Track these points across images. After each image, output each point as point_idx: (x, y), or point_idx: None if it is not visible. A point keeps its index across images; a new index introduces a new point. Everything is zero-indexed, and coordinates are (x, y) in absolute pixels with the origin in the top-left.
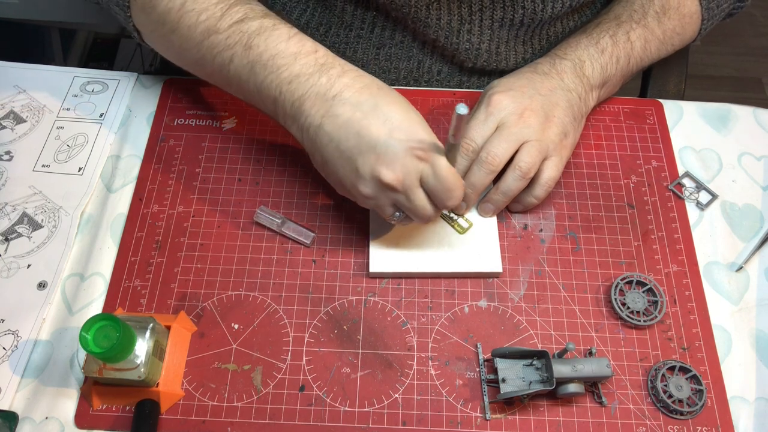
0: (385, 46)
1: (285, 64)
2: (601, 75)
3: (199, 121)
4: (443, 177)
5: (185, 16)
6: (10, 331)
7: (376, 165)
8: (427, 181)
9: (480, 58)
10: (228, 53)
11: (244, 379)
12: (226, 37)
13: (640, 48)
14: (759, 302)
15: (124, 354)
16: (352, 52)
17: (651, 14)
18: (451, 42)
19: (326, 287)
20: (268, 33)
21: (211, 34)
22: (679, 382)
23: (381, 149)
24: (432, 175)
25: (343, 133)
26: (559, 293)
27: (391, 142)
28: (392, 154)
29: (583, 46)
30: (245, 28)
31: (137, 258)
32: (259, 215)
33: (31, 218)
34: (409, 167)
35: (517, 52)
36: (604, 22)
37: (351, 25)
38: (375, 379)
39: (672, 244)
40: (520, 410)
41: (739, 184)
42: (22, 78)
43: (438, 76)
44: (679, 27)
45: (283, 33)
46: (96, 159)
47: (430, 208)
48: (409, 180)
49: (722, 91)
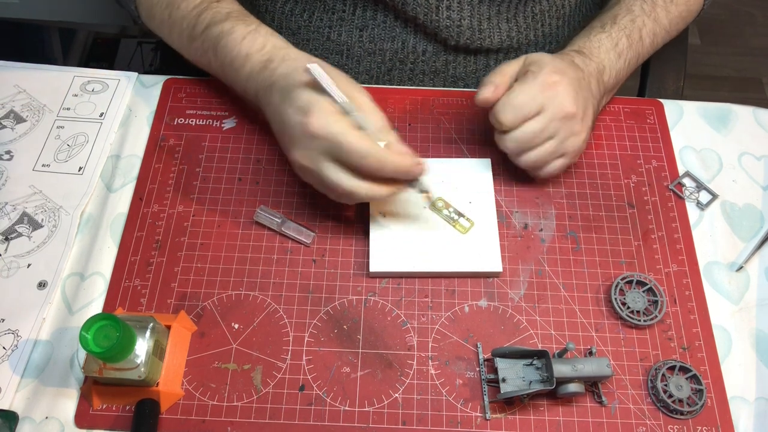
0: (368, 27)
1: (241, 66)
2: (615, 81)
3: (199, 121)
4: (341, 143)
5: (174, 25)
6: (10, 330)
7: (289, 146)
8: (331, 153)
9: (462, 35)
10: (206, 57)
11: (244, 378)
12: (202, 42)
13: (649, 44)
14: (759, 302)
15: (124, 354)
16: (336, 35)
17: (659, 3)
18: (431, 19)
19: (326, 287)
20: (226, 38)
21: (193, 41)
22: (679, 382)
23: (288, 131)
24: (332, 146)
25: (276, 118)
26: (559, 293)
27: (292, 124)
28: (294, 136)
29: (605, 49)
30: (211, 35)
31: (137, 258)
32: (259, 215)
33: (31, 218)
34: (309, 146)
35: (501, 30)
36: (620, 16)
37: (333, 8)
38: (375, 378)
39: (672, 243)
40: (520, 410)
41: (739, 184)
42: (22, 78)
43: (423, 56)
44: (685, 11)
45: (237, 36)
46: (96, 159)
47: (347, 181)
48: (312, 157)
49: (722, 91)
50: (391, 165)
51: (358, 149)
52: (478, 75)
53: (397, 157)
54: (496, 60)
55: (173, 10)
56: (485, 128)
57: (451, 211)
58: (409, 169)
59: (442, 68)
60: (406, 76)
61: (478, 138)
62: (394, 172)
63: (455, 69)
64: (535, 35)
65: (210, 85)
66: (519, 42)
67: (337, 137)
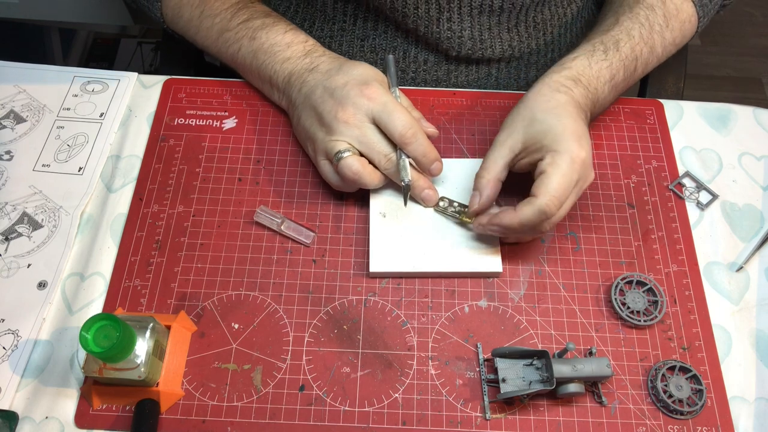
0: (369, 38)
1: (280, 50)
2: (600, 109)
3: (199, 121)
4: (390, 111)
5: (204, 21)
6: (10, 330)
7: (334, 107)
8: (379, 118)
9: (464, 46)
10: (237, 45)
11: (244, 378)
12: (236, 33)
13: (640, 74)
14: (759, 302)
15: (124, 354)
16: (338, 45)
17: (656, 29)
18: (432, 31)
19: (326, 287)
20: (269, 28)
21: (224, 32)
22: (679, 382)
23: (337, 94)
24: (382, 111)
25: (315, 90)
26: (559, 293)
27: (345, 88)
28: (345, 96)
29: (603, 82)
30: (251, 25)
31: (137, 258)
32: (259, 215)
33: (31, 218)
34: (359, 105)
35: (503, 40)
36: (622, 42)
37: (333, 19)
38: (375, 378)
39: (672, 244)
40: (520, 410)
41: (739, 184)
42: (22, 78)
43: (425, 65)
44: (679, 37)
45: (281, 28)
46: (96, 159)
47: (386, 147)
48: (359, 116)
49: (722, 91)
50: (423, 143)
51: (405, 119)
52: (480, 84)
53: (429, 142)
54: (497, 69)
55: (205, 9)
56: (485, 128)
57: (456, 206)
58: (435, 158)
59: (444, 77)
60: (408, 84)
61: (478, 138)
62: (423, 155)
63: (457, 78)
64: (536, 44)
65: (210, 86)
66: (521, 51)
67: (388, 104)
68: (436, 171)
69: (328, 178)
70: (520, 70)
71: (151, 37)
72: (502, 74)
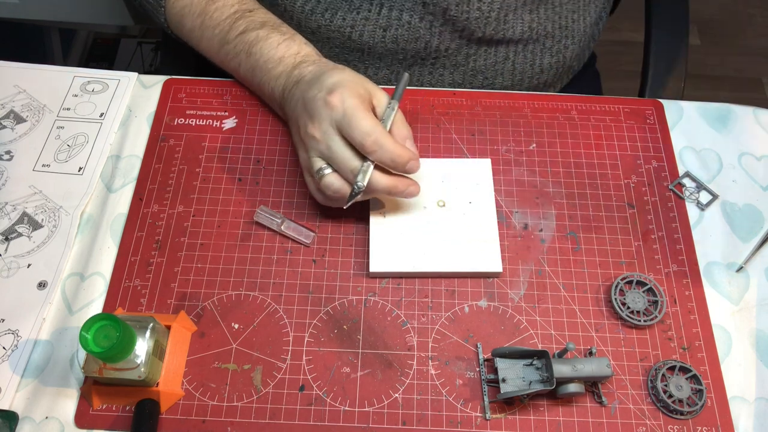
0: (392, 28)
1: (272, 67)
2: None
3: (199, 121)
4: (350, 117)
5: (205, 32)
6: (10, 330)
7: (307, 121)
8: (341, 127)
9: (489, 26)
10: (237, 60)
11: (244, 378)
12: (234, 46)
13: None
14: (759, 302)
15: (124, 354)
16: (358, 35)
17: None
18: (462, 10)
19: (326, 287)
20: (262, 42)
21: (224, 45)
22: (679, 382)
23: (309, 107)
24: (342, 119)
25: (297, 105)
26: (559, 293)
27: (315, 99)
28: (314, 109)
29: None
30: (246, 39)
31: (137, 258)
32: (259, 215)
33: (31, 218)
34: (323, 116)
35: (524, 20)
36: None
37: (359, 8)
38: (375, 378)
39: (672, 244)
40: (520, 410)
41: (739, 184)
42: (22, 78)
43: (445, 53)
44: None
45: (274, 41)
46: (96, 159)
47: (351, 160)
48: (324, 127)
49: (722, 91)
50: (389, 150)
51: (364, 126)
52: (497, 67)
53: (397, 146)
54: (515, 52)
55: (205, 19)
56: (485, 128)
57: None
58: (406, 161)
59: (463, 62)
60: (427, 71)
61: (478, 138)
62: (390, 160)
63: (476, 62)
64: (552, 27)
65: (210, 86)
66: (538, 33)
67: (347, 110)
68: (412, 170)
69: (314, 195)
70: (535, 54)
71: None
72: (518, 58)
